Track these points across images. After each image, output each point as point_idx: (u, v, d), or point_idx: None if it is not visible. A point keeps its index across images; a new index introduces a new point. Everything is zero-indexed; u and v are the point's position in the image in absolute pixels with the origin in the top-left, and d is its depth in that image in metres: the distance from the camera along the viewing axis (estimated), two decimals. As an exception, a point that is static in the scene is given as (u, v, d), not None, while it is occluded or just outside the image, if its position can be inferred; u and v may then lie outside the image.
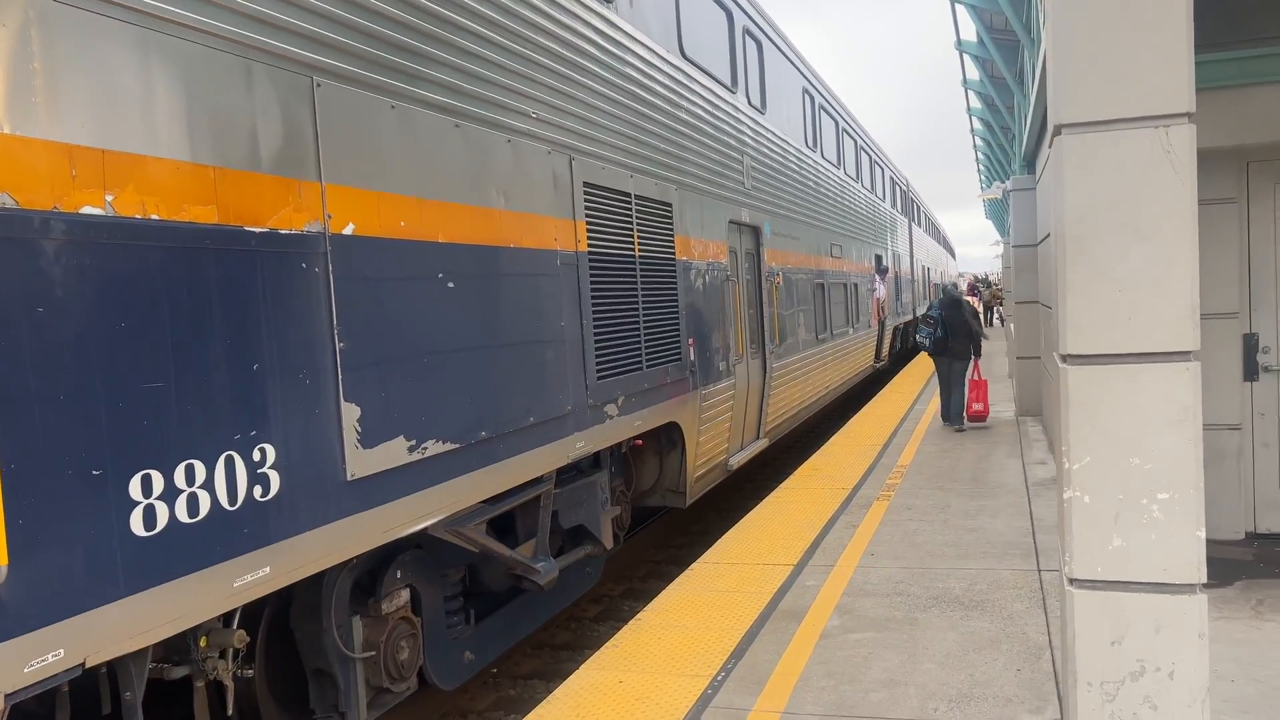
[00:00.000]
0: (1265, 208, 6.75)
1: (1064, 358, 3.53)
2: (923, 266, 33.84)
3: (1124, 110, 3.40)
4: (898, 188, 26.51)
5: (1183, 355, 3.38)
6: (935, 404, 15.57)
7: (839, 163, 16.73)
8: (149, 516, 3.12)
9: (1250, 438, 6.85)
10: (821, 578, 6.50)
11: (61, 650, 2.82)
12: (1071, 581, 3.54)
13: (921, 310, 30.55)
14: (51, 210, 2.87)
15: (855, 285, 17.71)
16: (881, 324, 21.18)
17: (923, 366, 22.79)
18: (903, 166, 49.78)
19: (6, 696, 2.68)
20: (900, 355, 27.23)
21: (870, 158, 20.96)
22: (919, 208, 34.17)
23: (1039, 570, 6.38)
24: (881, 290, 20.68)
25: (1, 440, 2.68)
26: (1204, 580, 3.39)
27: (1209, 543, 6.68)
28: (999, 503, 8.39)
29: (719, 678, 4.97)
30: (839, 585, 6.33)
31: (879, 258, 21.15)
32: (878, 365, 21.21)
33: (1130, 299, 3.41)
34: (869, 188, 20.36)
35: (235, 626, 4.02)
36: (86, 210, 2.97)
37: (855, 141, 18.85)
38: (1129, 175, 3.40)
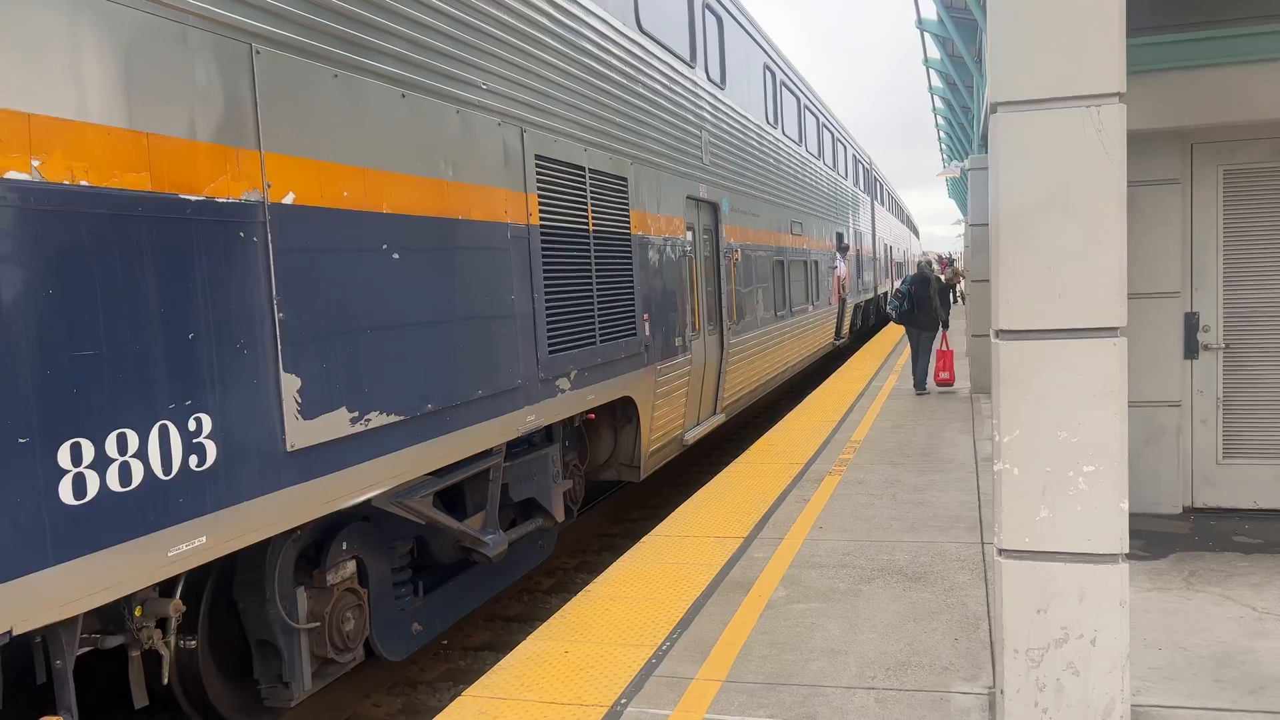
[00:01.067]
0: (1208, 189, 6.87)
1: (997, 333, 3.60)
2: (885, 245, 34.06)
3: (1057, 89, 3.45)
4: (860, 166, 26.62)
5: (1109, 331, 3.46)
6: (892, 381, 15.77)
7: (800, 140, 16.76)
8: (79, 485, 3.10)
9: (1190, 414, 7.01)
10: (770, 550, 6.59)
11: (-13, 618, 2.81)
12: (1001, 552, 3.62)
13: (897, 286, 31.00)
14: (-26, 174, 2.82)
15: (816, 263, 17.80)
16: (842, 302, 21.32)
17: (882, 344, 23.02)
18: (867, 145, 49.90)
19: (-71, 664, 2.67)
20: (861, 332, 27.46)
21: (833, 135, 21.01)
22: (882, 186, 34.34)
23: (982, 543, 6.51)
24: (842, 268, 20.81)
25: (-78, 407, 2.65)
26: (1126, 550, 3.48)
27: (1147, 516, 6.88)
28: (948, 477, 8.52)
29: (664, 647, 5.04)
30: (786, 557, 6.42)
31: (840, 235, 21.26)
32: (838, 343, 21.37)
33: (1060, 276, 3.47)
34: (831, 165, 20.42)
35: (177, 596, 4.02)
36: (11, 175, 2.92)
37: (818, 119, 18.88)
38: (1061, 153, 3.46)
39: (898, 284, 30.56)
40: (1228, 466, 7.00)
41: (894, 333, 26.40)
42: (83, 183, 3.15)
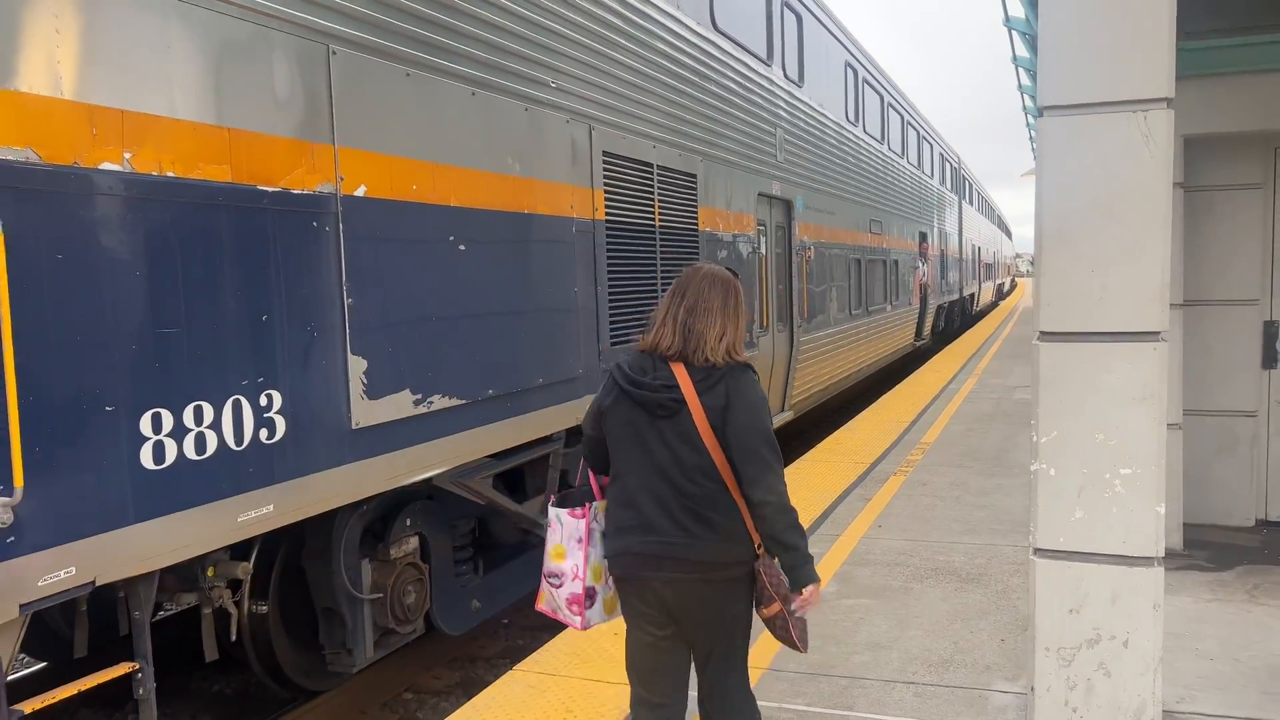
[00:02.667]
0: (1292, 194, 6.68)
1: (1039, 334, 3.63)
2: (973, 246, 33.41)
3: (1105, 94, 3.47)
4: (948, 165, 26.19)
5: (1151, 335, 3.46)
6: (970, 384, 15.54)
7: (883, 138, 16.62)
8: (158, 451, 3.38)
9: (1266, 425, 6.83)
10: (826, 546, 6.65)
11: (73, 568, 3.10)
12: (1036, 551, 3.65)
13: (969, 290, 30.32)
14: (72, 165, 3.11)
15: (896, 262, 17.63)
16: (924, 302, 21.05)
17: (966, 345, 22.63)
18: (957, 143, 48.78)
19: (22, 607, 2.96)
20: (945, 334, 27.03)
21: (919, 133, 20.75)
22: (971, 186, 33.68)
23: (1039, 547, 6.46)
24: (924, 268, 20.54)
25: (20, 373, 2.94)
26: (1161, 554, 3.48)
27: (1217, 528, 6.73)
28: (1015, 482, 8.44)
29: (711, 634, 5.16)
30: (841, 554, 6.48)
31: (924, 235, 20.98)
32: (919, 344, 21.11)
33: (1102, 279, 3.49)
34: (915, 164, 20.17)
35: (251, 562, 4.31)
36: (105, 165, 3.20)
37: (902, 117, 18.68)
38: (1107, 157, 3.47)
39: (969, 290, 29.65)
40: (1305, 480, 6.81)
41: (979, 334, 25.93)
42: (169, 174, 3.43)
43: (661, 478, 2.92)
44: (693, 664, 3.13)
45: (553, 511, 3.12)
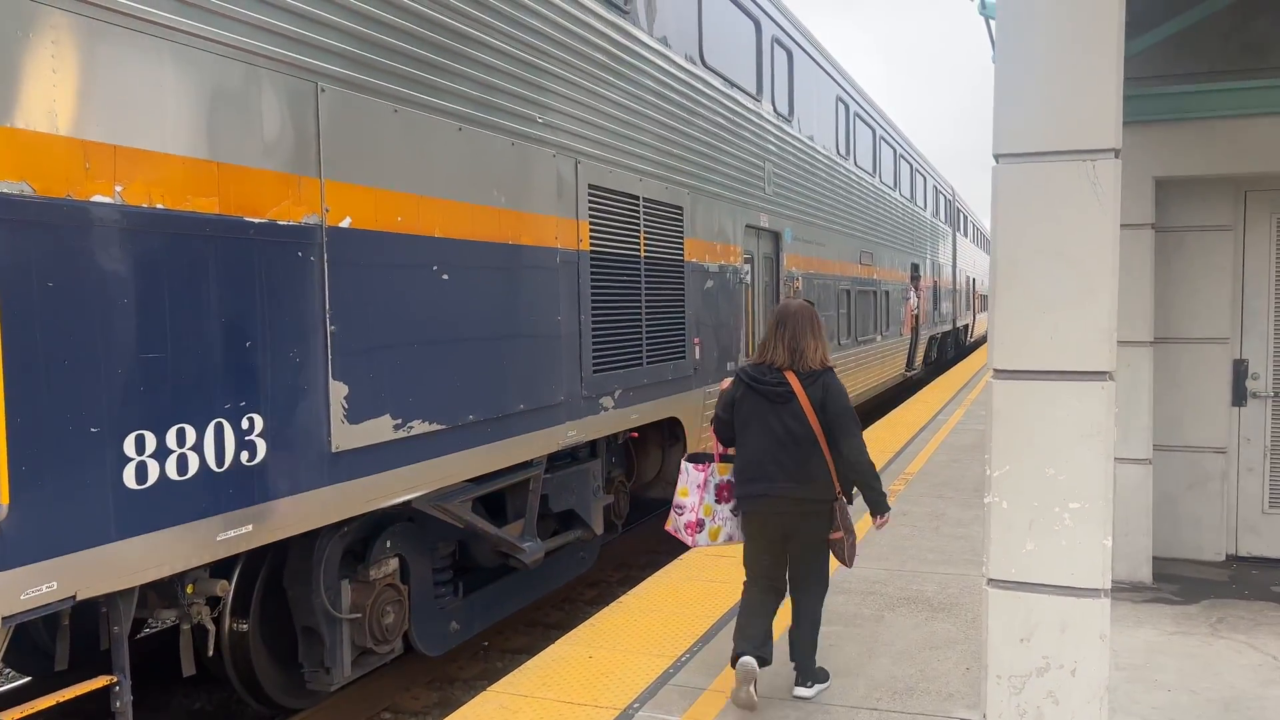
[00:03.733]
0: (1261, 236, 6.85)
1: (992, 371, 3.77)
2: (967, 277, 33.64)
3: (1055, 144, 3.63)
4: (942, 197, 26.44)
5: (1099, 375, 3.60)
6: (959, 415, 15.67)
7: (874, 171, 16.84)
8: (141, 472, 3.51)
9: (1235, 461, 6.97)
10: (801, 574, 6.75)
11: (55, 583, 3.22)
12: (989, 581, 3.78)
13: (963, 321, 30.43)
14: (65, 198, 3.26)
15: (887, 293, 17.81)
16: (915, 332, 21.21)
17: (957, 376, 22.77)
18: (951, 174, 48.77)
19: (5, 619, 3.08)
20: (938, 364, 27.18)
21: (911, 166, 20.99)
22: (966, 217, 33.96)
23: (1011, 578, 6.56)
24: (915, 299, 20.72)
25: (9, 395, 3.08)
26: (1108, 586, 3.61)
27: (1187, 562, 6.84)
28: (992, 513, 8.54)
29: (683, 658, 5.27)
30: (816, 582, 6.58)
31: (915, 266, 21.18)
32: (910, 374, 21.25)
33: (1053, 319, 3.64)
34: (908, 197, 20.40)
35: (233, 581, 4.42)
36: (97, 198, 3.36)
37: (894, 150, 18.92)
38: (1057, 204, 3.63)
39: (963, 320, 29.58)
40: (1274, 516, 6.93)
41: (971, 365, 26.09)
42: (159, 205, 3.58)
43: (778, 445, 4.45)
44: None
45: (684, 464, 4.78)
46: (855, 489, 4.61)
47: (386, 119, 4.72)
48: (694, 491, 4.68)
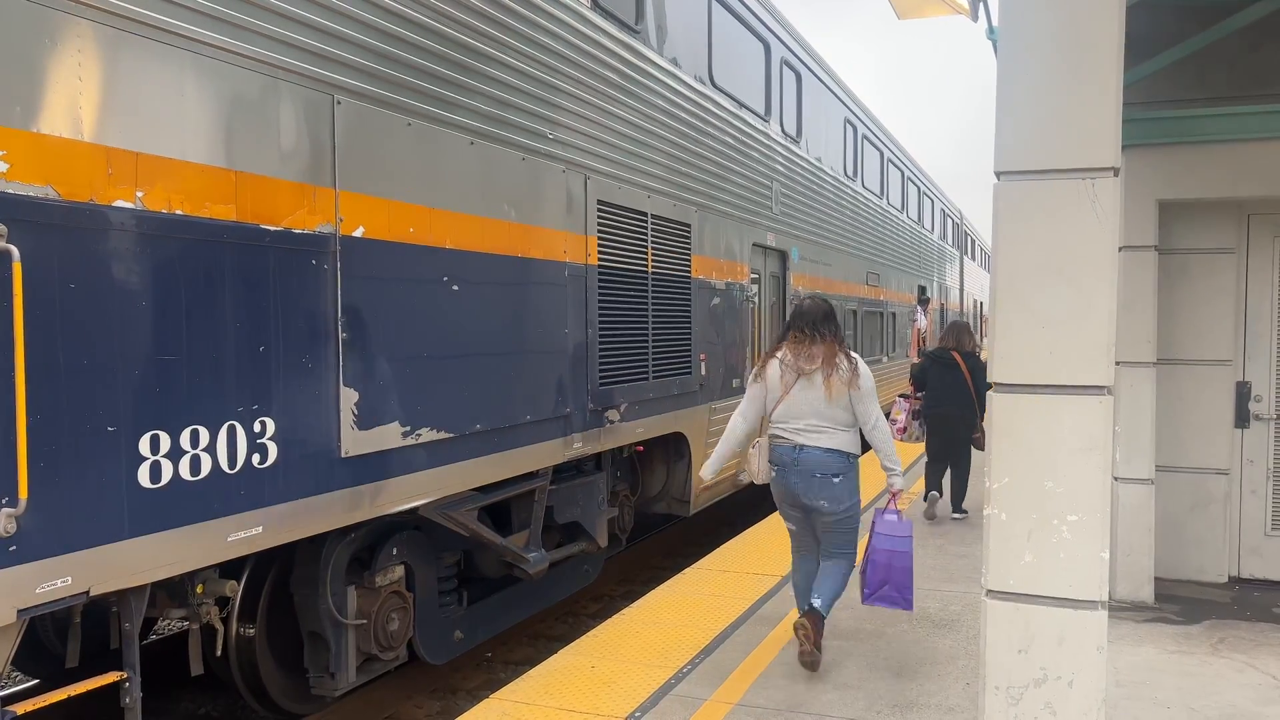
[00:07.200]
0: (1264, 259, 6.91)
1: (993, 385, 3.83)
2: (974, 300, 33.68)
3: (1055, 162, 3.70)
4: (950, 220, 26.53)
5: (1097, 389, 3.65)
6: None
7: (882, 193, 16.94)
8: (155, 471, 3.58)
9: (1238, 483, 6.99)
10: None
11: (69, 578, 3.29)
12: (988, 592, 3.82)
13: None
14: (88, 202, 3.35)
15: (893, 315, 17.86)
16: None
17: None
18: (960, 198, 49.01)
19: (20, 612, 3.15)
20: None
21: (919, 189, 21.09)
22: (974, 241, 34.04)
23: (1013, 596, 6.59)
24: (923, 320, 20.77)
25: (30, 392, 3.15)
26: (1105, 598, 3.65)
27: (1190, 583, 6.86)
28: (996, 533, 8.56)
29: (684, 670, 5.31)
30: (819, 598, 6.61)
31: (922, 288, 21.24)
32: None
33: (1051, 335, 3.70)
34: (916, 219, 20.49)
35: (241, 583, 4.47)
36: (119, 203, 3.45)
37: (902, 173, 19.03)
38: (1057, 222, 3.69)
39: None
40: (1276, 538, 6.95)
41: (977, 389, 26.04)
42: (178, 212, 3.67)
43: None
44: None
45: (897, 399, 9.23)
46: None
47: (400, 132, 4.82)
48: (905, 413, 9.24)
